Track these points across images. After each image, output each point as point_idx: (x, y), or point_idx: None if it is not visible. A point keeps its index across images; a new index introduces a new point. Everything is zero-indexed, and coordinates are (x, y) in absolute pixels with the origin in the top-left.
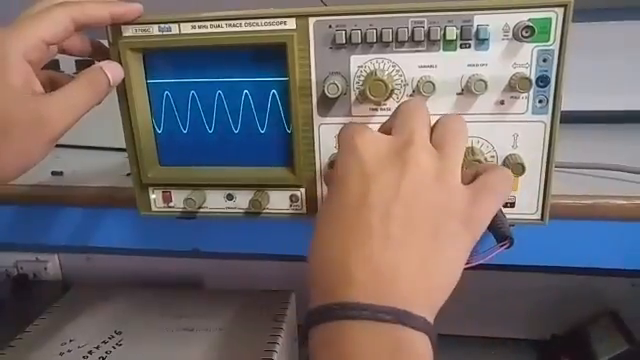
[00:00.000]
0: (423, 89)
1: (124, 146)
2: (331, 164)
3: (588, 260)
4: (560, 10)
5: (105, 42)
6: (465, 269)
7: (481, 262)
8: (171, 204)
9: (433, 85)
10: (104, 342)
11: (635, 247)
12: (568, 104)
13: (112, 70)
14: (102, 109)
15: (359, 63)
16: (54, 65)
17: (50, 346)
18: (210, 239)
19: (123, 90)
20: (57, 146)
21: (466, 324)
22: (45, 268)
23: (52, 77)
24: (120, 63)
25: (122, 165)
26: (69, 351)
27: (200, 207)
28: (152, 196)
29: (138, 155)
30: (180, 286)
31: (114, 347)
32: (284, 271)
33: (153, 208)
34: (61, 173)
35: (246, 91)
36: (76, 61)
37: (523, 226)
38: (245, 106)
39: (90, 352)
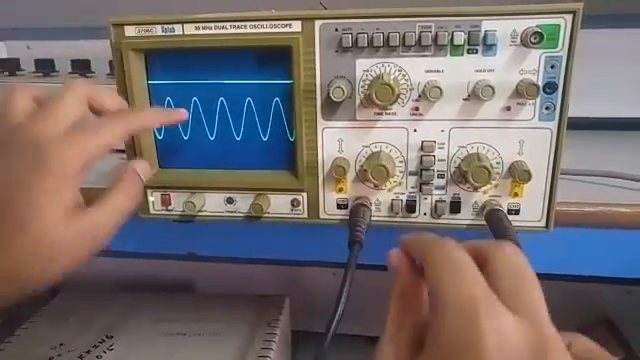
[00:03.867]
0: (430, 94)
1: (121, 147)
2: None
3: (585, 268)
4: (569, 17)
5: (103, 42)
6: None
7: None
8: (170, 207)
9: (440, 90)
10: (95, 346)
11: (631, 255)
12: (572, 110)
13: (143, 169)
14: None
15: (365, 67)
16: (49, 65)
17: (40, 350)
18: (205, 243)
19: (123, 90)
20: None
21: None
22: None
23: None
24: (122, 63)
25: (118, 167)
26: (59, 355)
27: (200, 210)
28: (151, 199)
29: (137, 157)
30: (172, 290)
31: (105, 351)
32: (278, 275)
33: (151, 211)
34: None
35: (249, 98)
36: (72, 60)
37: (524, 233)
38: (248, 112)
39: (81, 357)
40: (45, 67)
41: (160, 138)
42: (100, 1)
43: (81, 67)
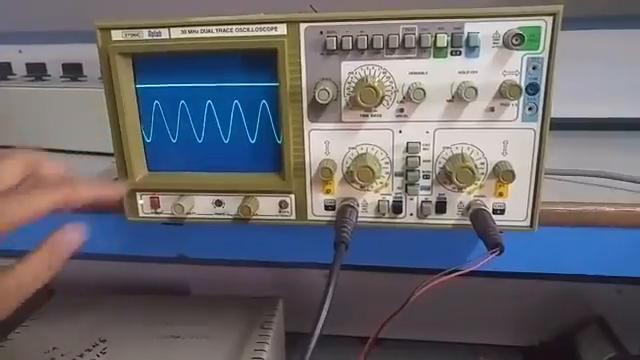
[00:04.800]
0: (413, 96)
1: (112, 151)
2: None
3: (575, 267)
4: (549, 19)
5: (95, 46)
6: (457, 276)
7: (473, 269)
8: (159, 210)
9: (423, 92)
10: (88, 350)
11: (622, 254)
12: (555, 111)
13: (71, 238)
14: (89, 113)
15: (350, 69)
16: (41, 69)
17: (33, 354)
18: (196, 245)
19: (112, 94)
20: (44, 150)
21: (454, 330)
22: None
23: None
24: (109, 67)
25: (110, 170)
26: (52, 359)
27: (188, 213)
28: (140, 202)
29: (126, 160)
30: (166, 293)
31: (98, 355)
32: (272, 277)
33: (140, 214)
34: None
35: (236, 101)
36: (63, 64)
37: (512, 233)
38: (235, 115)
39: None
40: (37, 71)
41: (149, 141)
42: (92, 5)
43: (73, 71)
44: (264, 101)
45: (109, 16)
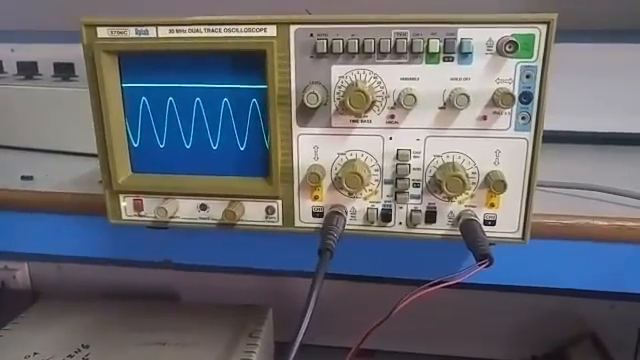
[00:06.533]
0: (404, 102)
1: (94, 152)
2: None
3: (567, 281)
4: (543, 27)
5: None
6: (444, 287)
7: (460, 280)
8: (142, 213)
9: (414, 98)
10: (70, 356)
11: (614, 269)
12: (554, 124)
13: None
14: (80, 113)
15: (340, 73)
16: (32, 67)
17: (12, 359)
18: (182, 250)
19: (96, 93)
20: (29, 150)
21: (445, 343)
22: (14, 277)
23: None
24: (94, 65)
25: (95, 172)
26: None
27: (172, 217)
28: (123, 204)
29: (110, 160)
30: (154, 299)
31: None
32: (264, 286)
33: (123, 216)
34: (31, 177)
35: (225, 99)
36: (55, 64)
37: (504, 246)
38: (224, 117)
39: None
40: (28, 70)
41: (134, 142)
42: (85, 4)
43: (64, 70)
44: (253, 103)
45: (101, 15)
